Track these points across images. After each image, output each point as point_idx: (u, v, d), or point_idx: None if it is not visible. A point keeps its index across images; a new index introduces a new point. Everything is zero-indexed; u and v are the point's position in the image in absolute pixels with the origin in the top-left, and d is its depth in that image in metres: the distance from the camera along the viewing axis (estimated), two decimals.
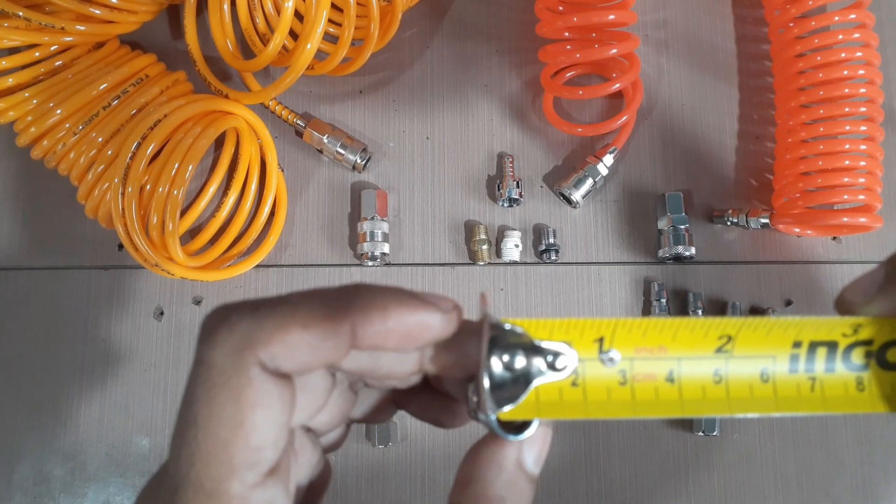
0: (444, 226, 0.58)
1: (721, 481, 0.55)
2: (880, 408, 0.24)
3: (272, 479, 0.23)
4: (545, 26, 0.57)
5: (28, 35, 0.53)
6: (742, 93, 0.61)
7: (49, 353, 0.56)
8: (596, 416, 0.24)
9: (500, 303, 0.57)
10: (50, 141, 0.54)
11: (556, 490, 0.54)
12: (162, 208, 0.50)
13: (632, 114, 0.57)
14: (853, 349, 0.24)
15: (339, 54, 0.55)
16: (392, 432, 0.54)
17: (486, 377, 0.23)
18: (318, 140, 0.58)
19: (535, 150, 0.60)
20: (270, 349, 0.22)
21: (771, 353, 0.24)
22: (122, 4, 0.55)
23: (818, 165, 0.53)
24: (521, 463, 0.25)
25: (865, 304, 0.25)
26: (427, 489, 0.54)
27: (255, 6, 0.57)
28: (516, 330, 0.24)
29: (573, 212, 0.59)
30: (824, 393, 0.24)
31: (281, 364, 0.23)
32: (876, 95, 0.53)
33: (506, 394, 0.24)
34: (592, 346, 0.24)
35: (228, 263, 0.57)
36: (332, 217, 0.58)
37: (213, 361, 0.23)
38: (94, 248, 0.58)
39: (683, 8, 0.62)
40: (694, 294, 0.57)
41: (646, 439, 0.55)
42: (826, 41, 0.53)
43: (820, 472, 0.55)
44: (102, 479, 0.55)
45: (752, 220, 0.56)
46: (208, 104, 0.54)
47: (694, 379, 0.24)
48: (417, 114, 0.60)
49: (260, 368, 0.22)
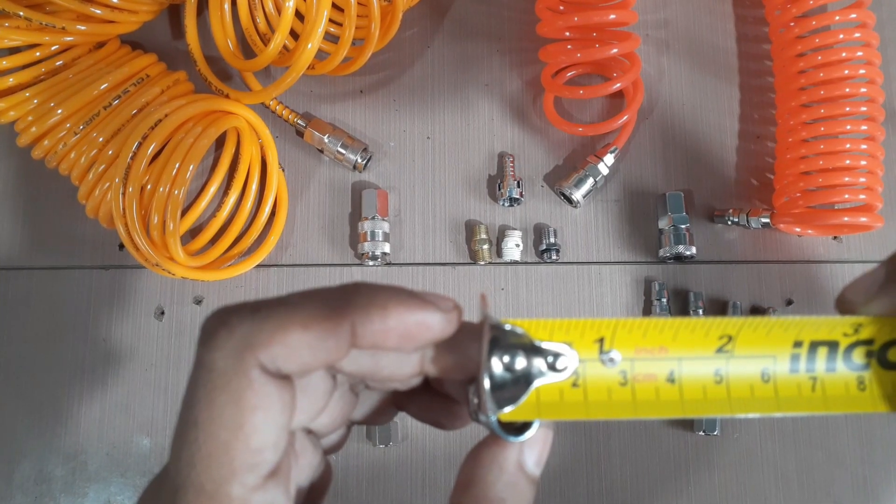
0: (444, 225, 0.58)
1: (722, 481, 0.55)
2: (881, 407, 0.24)
3: (273, 482, 0.23)
4: (546, 26, 0.57)
5: (29, 35, 0.53)
6: (743, 92, 0.61)
7: (49, 353, 0.56)
8: (597, 416, 0.24)
9: (501, 302, 0.57)
10: (51, 141, 0.54)
11: (557, 490, 0.54)
12: (163, 208, 0.50)
13: (632, 113, 0.57)
14: (854, 349, 0.24)
15: (339, 54, 0.55)
16: (393, 432, 0.54)
17: (487, 378, 0.23)
18: (318, 140, 0.58)
19: (536, 149, 0.60)
20: (271, 351, 0.22)
21: (772, 353, 0.24)
22: (123, 4, 0.55)
23: (819, 165, 0.53)
24: (522, 464, 0.25)
25: (866, 303, 0.25)
26: (428, 489, 0.54)
27: (256, 6, 0.57)
28: (517, 331, 0.24)
29: (574, 211, 0.59)
30: (825, 393, 0.24)
31: (281, 365, 0.23)
32: (876, 95, 0.53)
33: (506, 395, 0.24)
34: (593, 346, 0.24)
35: (229, 263, 0.57)
36: (333, 217, 0.58)
37: (214, 364, 0.22)
38: (94, 247, 0.58)
39: (684, 7, 0.62)
40: (695, 294, 0.56)
41: (646, 439, 0.55)
42: (827, 41, 0.53)
43: (821, 471, 0.55)
44: (103, 479, 0.55)
45: (753, 219, 0.56)
46: (209, 104, 0.54)
47: (695, 379, 0.24)
48: (418, 113, 0.60)
49: (260, 370, 0.22)
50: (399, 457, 0.55)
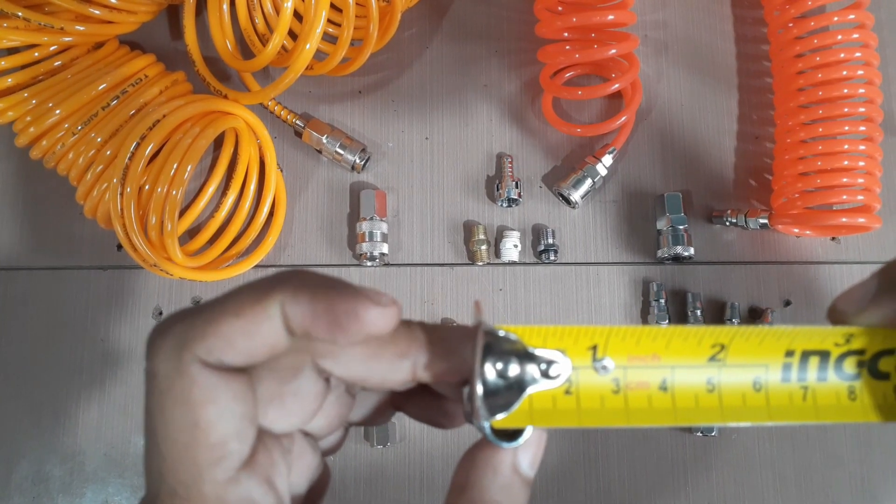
0: (443, 226, 0.58)
1: (719, 482, 0.55)
2: (872, 417, 0.24)
3: (246, 474, 0.23)
4: (544, 27, 0.57)
5: (27, 35, 0.53)
6: (741, 93, 0.61)
7: (48, 353, 0.56)
8: (589, 424, 0.24)
9: (499, 303, 0.57)
10: (49, 141, 0.54)
11: (555, 490, 0.54)
12: (161, 208, 0.50)
13: (631, 114, 0.57)
14: (845, 358, 0.24)
15: (338, 54, 0.55)
16: (391, 433, 0.54)
17: (480, 385, 0.23)
18: (317, 140, 0.58)
19: (535, 150, 0.60)
20: (206, 344, 0.22)
21: (764, 362, 0.24)
22: (122, 5, 0.55)
23: (817, 166, 0.53)
24: (517, 466, 0.25)
25: (858, 314, 0.25)
26: (426, 489, 0.55)
27: (255, 6, 0.57)
28: (510, 337, 0.24)
29: (572, 212, 0.58)
30: (816, 402, 0.24)
31: (222, 357, 0.23)
32: (875, 96, 0.53)
33: (499, 401, 0.24)
34: (586, 353, 0.24)
35: (227, 264, 0.57)
36: (331, 217, 0.58)
37: (156, 370, 0.23)
38: (92, 248, 0.58)
39: (683, 8, 0.62)
40: (693, 294, 0.56)
41: (644, 440, 0.55)
42: (825, 42, 0.53)
43: (819, 472, 0.55)
44: (101, 480, 0.55)
45: (751, 220, 0.56)
46: (207, 104, 0.54)
47: (687, 387, 0.24)
48: (416, 114, 0.60)
49: (201, 365, 0.23)
50: (397, 457, 0.55)
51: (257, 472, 0.24)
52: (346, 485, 0.54)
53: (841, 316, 0.25)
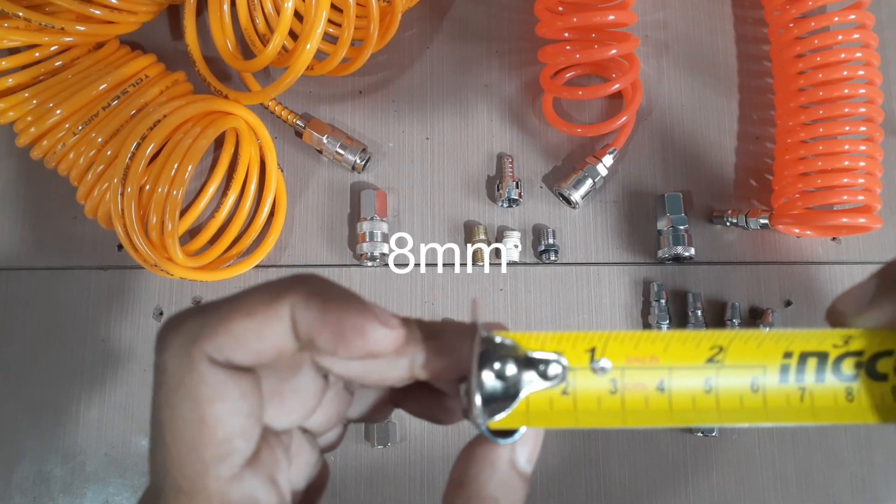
0: (443, 226, 0.58)
1: (720, 482, 0.55)
2: (870, 418, 0.24)
3: (250, 471, 0.23)
4: (545, 27, 0.57)
5: (28, 35, 0.53)
6: (742, 93, 0.61)
7: (49, 353, 0.56)
8: (586, 424, 0.24)
9: (500, 303, 0.57)
10: (50, 141, 0.54)
11: (556, 490, 0.54)
12: (161, 208, 0.50)
13: (631, 114, 0.57)
14: (843, 360, 0.24)
15: (338, 55, 0.55)
16: (391, 432, 0.54)
17: (477, 389, 0.23)
18: (317, 140, 0.58)
19: (535, 150, 0.60)
20: (216, 341, 0.23)
21: (762, 364, 0.24)
22: (122, 5, 0.55)
23: (818, 166, 0.53)
24: (514, 462, 0.25)
25: (856, 315, 0.25)
26: (426, 489, 0.55)
27: (255, 6, 0.57)
28: (506, 342, 0.24)
29: (572, 212, 0.58)
30: (814, 403, 0.24)
31: (231, 355, 0.23)
32: (875, 96, 0.53)
33: (496, 403, 0.24)
34: (584, 356, 0.24)
35: (228, 264, 0.57)
36: (332, 217, 0.58)
37: (166, 365, 0.23)
38: (93, 248, 0.58)
39: (683, 9, 0.62)
40: (693, 295, 0.56)
41: (644, 440, 0.55)
42: (826, 42, 0.53)
43: (819, 472, 0.55)
44: (102, 480, 0.55)
45: (752, 220, 0.56)
46: (208, 104, 0.54)
47: (684, 389, 0.24)
48: (417, 114, 0.60)
49: (209, 363, 0.23)
50: (397, 457, 0.55)
51: (260, 470, 0.24)
52: (347, 485, 0.54)
53: (840, 317, 0.25)
